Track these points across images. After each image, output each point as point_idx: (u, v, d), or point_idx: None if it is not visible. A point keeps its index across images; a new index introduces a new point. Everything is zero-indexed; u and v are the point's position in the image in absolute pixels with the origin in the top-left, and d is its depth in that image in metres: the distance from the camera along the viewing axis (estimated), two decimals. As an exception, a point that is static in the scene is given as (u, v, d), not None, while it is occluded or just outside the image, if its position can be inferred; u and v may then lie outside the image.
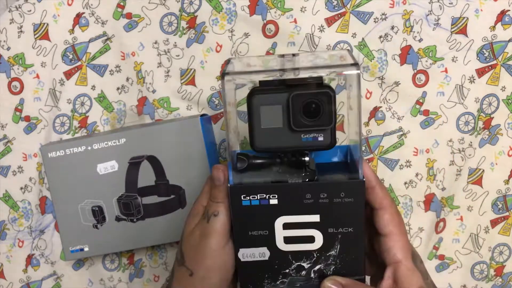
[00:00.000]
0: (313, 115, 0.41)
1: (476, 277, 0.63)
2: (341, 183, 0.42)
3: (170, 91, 0.61)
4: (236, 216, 0.43)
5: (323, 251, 0.44)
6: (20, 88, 0.62)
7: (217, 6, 0.59)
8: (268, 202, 0.43)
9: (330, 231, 0.43)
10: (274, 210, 0.43)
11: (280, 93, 0.41)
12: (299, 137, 0.42)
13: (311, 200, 0.42)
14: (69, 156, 0.58)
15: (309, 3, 0.58)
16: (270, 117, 0.41)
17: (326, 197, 0.42)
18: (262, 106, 0.41)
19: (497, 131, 0.60)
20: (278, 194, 0.42)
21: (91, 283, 0.64)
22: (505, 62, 0.59)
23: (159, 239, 0.59)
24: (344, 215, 0.42)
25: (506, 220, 0.62)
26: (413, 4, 0.58)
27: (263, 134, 0.42)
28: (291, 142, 0.42)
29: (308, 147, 0.42)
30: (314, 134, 0.42)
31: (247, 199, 0.43)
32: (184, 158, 0.57)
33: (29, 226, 0.63)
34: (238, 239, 0.44)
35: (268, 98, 0.41)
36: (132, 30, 0.60)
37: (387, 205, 0.43)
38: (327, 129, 0.41)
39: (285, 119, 0.41)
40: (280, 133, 0.42)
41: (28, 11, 0.60)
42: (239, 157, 0.44)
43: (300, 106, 0.41)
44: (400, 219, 0.44)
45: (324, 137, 0.42)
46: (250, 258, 0.44)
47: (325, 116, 0.41)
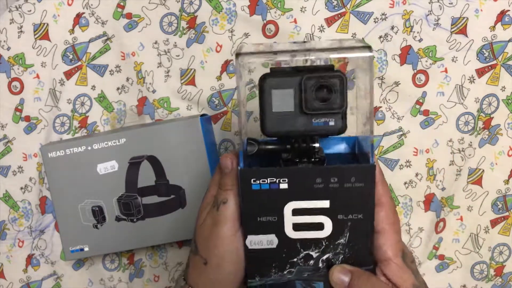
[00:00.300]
0: (325, 99, 0.41)
1: (476, 277, 0.63)
2: (352, 167, 0.42)
3: (170, 91, 0.61)
4: (246, 200, 0.43)
5: (332, 239, 0.43)
6: (20, 88, 0.62)
7: (217, 6, 0.59)
8: (278, 187, 0.42)
9: (340, 218, 0.43)
10: (284, 195, 0.43)
11: (292, 77, 0.41)
12: (310, 121, 0.42)
13: (321, 184, 0.42)
14: (69, 156, 0.58)
15: (309, 3, 0.58)
16: (282, 101, 0.42)
17: (337, 182, 0.42)
18: (273, 90, 0.41)
19: (497, 131, 0.60)
20: (288, 178, 0.42)
21: (91, 283, 0.64)
22: (505, 62, 0.59)
23: (159, 239, 0.59)
24: (354, 201, 0.42)
25: (506, 220, 0.62)
26: (413, 4, 0.58)
27: (274, 118, 0.42)
28: (302, 126, 0.42)
29: (319, 132, 0.42)
30: (325, 118, 0.42)
31: (257, 183, 0.42)
32: (184, 158, 0.57)
33: (29, 226, 0.63)
34: (247, 224, 0.44)
35: (280, 81, 0.41)
36: (132, 30, 0.60)
37: (385, 203, 0.43)
38: (338, 113, 0.41)
39: (297, 102, 0.41)
40: (291, 117, 0.42)
41: (28, 11, 0.60)
42: (249, 142, 0.44)
43: (312, 89, 0.41)
44: (395, 218, 0.44)
45: (335, 122, 0.42)
46: (258, 245, 0.44)
47: (336, 99, 0.41)
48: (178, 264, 0.63)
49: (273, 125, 0.42)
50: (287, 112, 0.42)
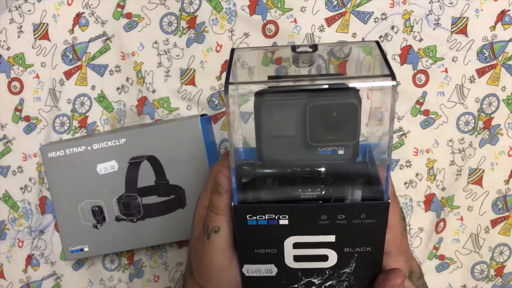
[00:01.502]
0: (334, 129, 0.35)
1: (476, 277, 0.63)
2: (362, 205, 0.37)
3: (170, 91, 0.61)
4: (241, 234, 0.39)
5: (336, 269, 0.40)
6: (20, 88, 0.62)
7: (217, 6, 0.59)
8: (277, 223, 0.38)
9: (346, 251, 0.39)
10: (284, 230, 0.38)
11: (295, 99, 0.35)
12: (315, 150, 0.36)
13: (326, 221, 0.37)
14: (69, 156, 0.57)
15: (309, 3, 0.58)
16: (283, 124, 0.36)
17: (344, 218, 0.37)
18: (274, 111, 0.35)
19: (497, 131, 0.60)
20: (289, 215, 0.38)
21: (91, 283, 0.64)
22: (505, 62, 0.59)
23: (159, 239, 0.59)
24: (363, 235, 0.38)
25: (506, 220, 0.62)
26: (413, 4, 0.58)
27: (274, 144, 0.36)
28: (306, 154, 0.36)
29: (325, 161, 0.37)
30: (333, 147, 0.36)
31: (253, 219, 0.38)
32: (184, 158, 0.57)
33: (29, 226, 0.63)
34: (243, 256, 0.40)
35: (281, 102, 0.35)
36: (132, 30, 0.60)
37: (392, 225, 0.40)
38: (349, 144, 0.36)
39: (300, 130, 0.36)
40: (294, 144, 0.36)
41: (28, 11, 0.60)
42: (244, 168, 0.39)
43: (319, 118, 0.35)
44: (402, 240, 0.42)
45: (345, 151, 0.36)
46: (256, 273, 0.40)
47: (348, 130, 0.35)
48: (178, 264, 0.63)
49: (272, 152, 0.36)
50: (289, 137, 0.36)
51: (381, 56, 0.37)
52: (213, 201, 0.40)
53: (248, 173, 0.39)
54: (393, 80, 0.34)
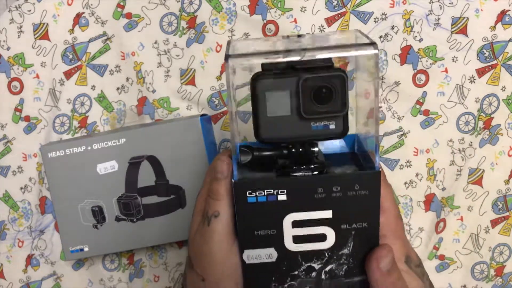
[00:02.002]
0: (325, 101, 0.38)
1: (476, 277, 0.63)
2: (356, 175, 0.39)
3: (170, 91, 0.61)
4: (241, 214, 0.40)
5: (335, 250, 0.41)
6: (20, 88, 0.62)
7: (217, 6, 0.59)
8: (276, 198, 0.39)
9: (343, 228, 0.40)
10: (282, 207, 0.40)
11: (287, 78, 0.38)
12: (309, 126, 0.39)
13: (323, 194, 0.39)
14: (69, 156, 0.57)
15: (309, 3, 0.58)
16: (277, 104, 0.38)
17: (339, 191, 0.39)
18: (267, 92, 0.38)
19: (497, 131, 0.60)
20: (287, 189, 0.39)
21: (91, 283, 0.64)
22: (505, 62, 0.59)
23: (159, 239, 0.59)
24: (359, 209, 0.39)
25: (507, 220, 0.62)
26: (413, 4, 0.58)
27: (269, 123, 0.39)
28: (301, 131, 0.39)
29: (319, 136, 0.39)
30: (325, 121, 0.39)
31: (253, 195, 0.39)
32: (184, 158, 0.57)
33: (29, 226, 0.63)
34: (243, 239, 0.41)
35: (274, 83, 0.38)
36: (132, 30, 0.60)
37: (386, 208, 0.41)
38: (339, 116, 0.38)
39: (294, 106, 0.38)
40: (288, 122, 0.39)
41: (28, 11, 0.60)
42: (242, 150, 0.41)
43: (311, 91, 0.38)
44: (397, 224, 0.42)
45: (336, 125, 0.39)
46: (256, 260, 0.41)
47: (337, 102, 0.38)
48: (178, 264, 0.63)
49: (268, 130, 0.39)
50: (284, 116, 0.38)
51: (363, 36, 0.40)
52: (212, 187, 0.41)
53: (246, 155, 0.41)
54: (375, 49, 0.37)
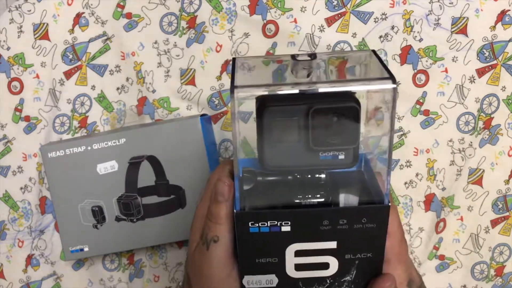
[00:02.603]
0: (336, 132, 0.36)
1: (476, 277, 0.63)
2: (364, 209, 0.38)
3: (170, 91, 0.61)
4: (242, 243, 0.39)
5: (337, 277, 0.40)
6: (20, 88, 0.61)
7: (217, 6, 0.59)
8: (279, 230, 0.38)
9: (347, 257, 0.39)
10: (286, 237, 0.38)
11: (297, 105, 0.36)
12: (316, 155, 0.37)
13: (328, 226, 0.38)
14: (69, 156, 0.57)
15: (309, 3, 0.58)
16: (285, 131, 0.36)
17: (346, 223, 0.38)
18: (275, 119, 0.36)
19: (497, 131, 0.60)
20: (291, 221, 0.38)
21: (91, 283, 0.64)
22: (505, 62, 0.59)
23: (159, 239, 0.59)
24: (364, 240, 0.38)
25: (507, 220, 0.62)
26: (413, 4, 0.58)
27: (276, 150, 0.37)
28: (308, 160, 0.37)
29: (327, 166, 0.37)
30: (334, 152, 0.37)
31: (255, 226, 0.38)
32: (184, 158, 0.57)
33: (29, 226, 0.63)
34: (243, 266, 0.40)
35: (283, 109, 0.36)
36: (132, 30, 0.60)
37: (391, 232, 0.40)
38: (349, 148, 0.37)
39: (302, 134, 0.36)
40: (296, 150, 0.37)
41: (28, 11, 0.60)
42: (245, 175, 0.39)
43: (321, 122, 0.36)
44: (402, 248, 0.41)
45: (346, 156, 0.37)
46: (257, 285, 0.40)
47: (349, 134, 0.36)
48: (178, 264, 0.63)
49: (274, 158, 0.37)
50: (291, 143, 0.37)
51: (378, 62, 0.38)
52: (212, 210, 0.39)
53: (249, 181, 0.39)
54: (393, 83, 0.35)
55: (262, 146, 0.37)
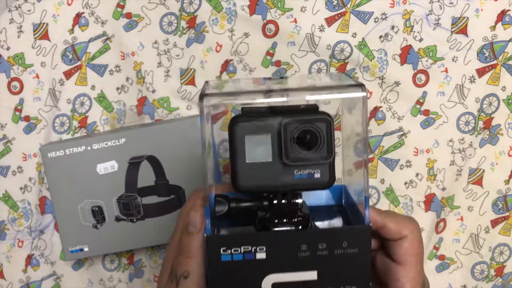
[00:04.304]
0: (309, 146, 0.35)
1: (477, 277, 0.63)
2: (343, 230, 0.36)
3: (170, 91, 0.61)
4: (213, 275, 0.36)
5: None
6: (19, 88, 0.61)
7: (217, 6, 0.59)
8: (254, 257, 0.35)
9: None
10: (261, 267, 0.36)
11: (268, 120, 0.35)
12: (291, 174, 0.35)
13: (307, 252, 0.36)
14: (69, 156, 0.57)
15: (309, 3, 0.58)
16: (257, 150, 0.35)
17: (325, 248, 0.36)
18: (247, 136, 0.35)
19: (498, 131, 0.60)
20: (266, 246, 0.35)
21: (90, 283, 0.64)
22: (505, 62, 0.59)
23: (159, 239, 0.59)
24: (347, 269, 0.36)
25: (507, 220, 0.62)
26: (413, 4, 0.58)
27: (249, 171, 0.35)
28: (283, 179, 0.35)
29: (303, 186, 0.36)
30: (309, 169, 0.35)
31: (227, 253, 0.35)
32: (184, 158, 0.57)
33: (28, 226, 0.63)
34: None
35: (254, 126, 0.35)
36: (132, 30, 0.60)
37: (408, 232, 0.39)
38: (325, 163, 0.35)
39: (275, 151, 0.35)
40: (269, 169, 0.35)
41: (27, 11, 0.60)
42: (218, 200, 0.37)
43: (294, 135, 0.35)
44: (419, 248, 0.40)
45: (322, 174, 0.36)
46: None
47: (323, 148, 0.35)
48: (178, 264, 0.63)
49: (247, 179, 0.35)
50: (264, 162, 0.35)
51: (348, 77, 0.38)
52: (183, 242, 0.37)
53: (221, 206, 0.38)
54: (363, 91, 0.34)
55: (234, 166, 0.36)
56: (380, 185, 0.61)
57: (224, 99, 0.35)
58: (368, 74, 0.59)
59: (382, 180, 0.61)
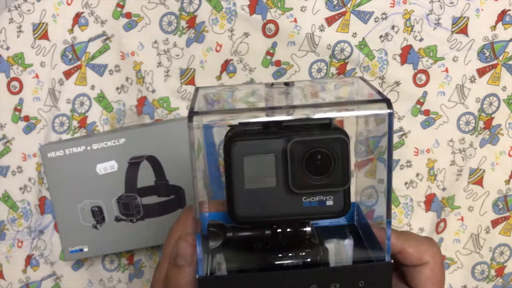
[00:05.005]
0: (321, 171, 0.30)
1: (477, 278, 0.63)
2: (361, 268, 0.31)
3: (170, 91, 0.61)
4: None
5: None
6: (19, 88, 0.61)
7: (217, 5, 0.59)
8: None
9: None
10: None
11: (272, 139, 0.29)
12: (299, 202, 0.30)
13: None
14: (69, 156, 0.57)
15: (309, 3, 0.58)
16: (258, 173, 0.30)
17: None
18: (246, 157, 0.30)
19: (498, 131, 0.60)
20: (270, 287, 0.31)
21: (90, 284, 0.64)
22: (505, 62, 0.59)
23: (159, 239, 0.59)
24: None
25: (507, 220, 0.62)
26: (413, 4, 0.58)
27: (248, 198, 0.30)
28: (289, 208, 0.30)
29: (312, 215, 0.31)
30: (320, 196, 0.30)
31: None
32: (184, 158, 0.56)
33: (28, 227, 0.63)
34: None
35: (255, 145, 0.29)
36: (132, 30, 0.60)
37: (430, 259, 0.35)
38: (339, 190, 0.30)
39: (280, 175, 0.30)
40: (273, 196, 0.30)
41: (27, 10, 0.60)
42: (212, 230, 0.32)
43: (303, 158, 0.29)
44: (441, 276, 0.36)
45: (335, 201, 0.31)
46: None
47: (337, 172, 0.30)
48: (177, 265, 0.63)
49: (246, 207, 0.30)
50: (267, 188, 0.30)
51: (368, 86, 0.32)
52: (171, 277, 0.32)
53: (217, 237, 0.33)
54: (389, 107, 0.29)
55: (231, 192, 0.30)
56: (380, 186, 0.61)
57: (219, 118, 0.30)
58: (368, 74, 0.59)
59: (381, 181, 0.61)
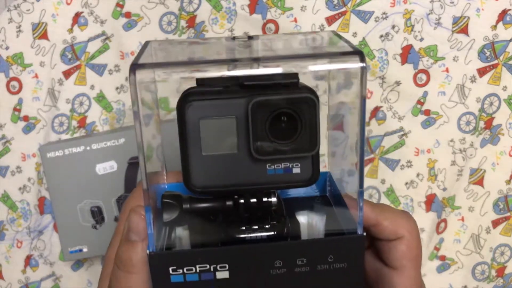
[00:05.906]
0: (287, 135, 0.27)
1: (477, 278, 0.62)
2: (329, 242, 0.28)
3: (170, 91, 0.61)
4: None
5: None
6: (18, 87, 0.61)
7: (217, 5, 0.59)
8: (213, 277, 0.27)
9: None
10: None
11: (232, 99, 0.26)
12: (263, 169, 0.27)
13: (282, 269, 0.27)
14: (68, 156, 0.57)
15: (310, 2, 0.58)
16: (217, 138, 0.27)
17: (306, 264, 0.27)
18: (203, 120, 0.27)
19: (499, 131, 0.60)
20: (230, 263, 0.27)
21: (90, 284, 0.64)
22: (506, 62, 0.59)
23: (159, 239, 0.59)
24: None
25: (508, 220, 0.62)
26: (414, 3, 0.58)
27: (206, 166, 0.27)
28: (251, 177, 0.27)
29: (278, 184, 0.28)
30: (286, 163, 0.27)
31: (179, 272, 0.27)
32: (184, 158, 0.57)
33: (27, 227, 0.63)
34: None
35: (213, 106, 0.26)
36: (131, 30, 0.60)
37: (406, 233, 0.33)
38: (307, 156, 0.27)
39: (242, 140, 0.27)
40: (233, 163, 0.27)
41: (26, 10, 0.60)
42: (166, 202, 0.29)
43: (266, 120, 0.26)
44: (417, 251, 0.34)
45: (302, 169, 0.27)
46: None
47: (305, 136, 0.26)
48: (177, 265, 0.63)
49: (204, 176, 0.27)
50: (226, 155, 0.27)
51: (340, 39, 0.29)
52: (122, 254, 0.29)
53: (172, 209, 0.29)
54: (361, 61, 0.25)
55: (187, 160, 0.28)
56: (381, 185, 0.61)
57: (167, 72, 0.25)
58: (368, 74, 0.59)
59: (383, 181, 0.61)
